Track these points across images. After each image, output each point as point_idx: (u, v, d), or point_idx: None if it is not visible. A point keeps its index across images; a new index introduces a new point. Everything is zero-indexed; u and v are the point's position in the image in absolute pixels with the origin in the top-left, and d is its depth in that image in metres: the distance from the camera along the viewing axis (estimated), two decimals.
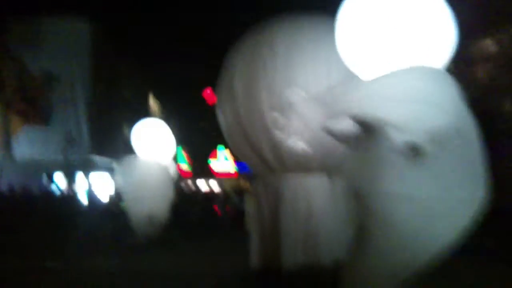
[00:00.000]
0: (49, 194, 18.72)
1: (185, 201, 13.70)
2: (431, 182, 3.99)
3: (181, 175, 30.73)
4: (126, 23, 34.78)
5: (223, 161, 40.75)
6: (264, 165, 7.02)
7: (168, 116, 29.07)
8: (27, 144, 25.40)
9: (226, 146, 9.68)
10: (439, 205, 4.01)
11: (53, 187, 20.36)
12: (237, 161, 35.57)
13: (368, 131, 4.24)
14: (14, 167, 22.95)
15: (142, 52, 40.96)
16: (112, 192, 15.93)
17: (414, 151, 3.92)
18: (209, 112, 8.17)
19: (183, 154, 43.93)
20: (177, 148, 19.85)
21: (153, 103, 45.67)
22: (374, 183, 4.23)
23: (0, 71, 24.44)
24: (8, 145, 24.10)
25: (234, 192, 17.70)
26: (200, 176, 40.18)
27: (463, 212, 4.09)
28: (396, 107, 3.91)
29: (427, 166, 3.97)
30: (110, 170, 29.83)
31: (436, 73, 4.08)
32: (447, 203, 4.01)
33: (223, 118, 7.47)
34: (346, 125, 4.34)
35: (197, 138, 51.74)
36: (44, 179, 23.69)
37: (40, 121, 25.83)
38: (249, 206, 13.58)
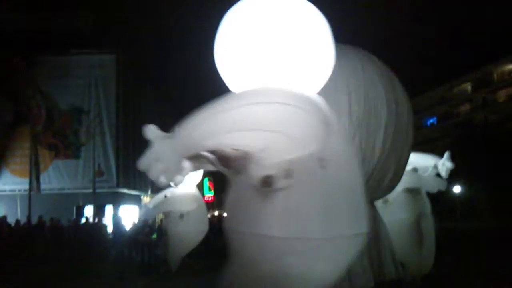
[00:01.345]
0: (79, 226, 19.01)
1: (211, 231, 13.84)
2: (288, 219, 3.64)
3: (207, 205, 30.84)
4: (152, 55, 35.57)
5: None
6: None
7: None
8: (56, 177, 25.93)
9: None
10: (302, 244, 3.66)
11: (83, 219, 20.65)
12: None
13: (225, 165, 3.99)
14: (45, 200, 23.39)
15: (169, 83, 41.71)
16: (140, 224, 16.12)
17: (268, 185, 3.61)
18: None
19: (209, 185, 44.23)
20: (203, 179, 19.95)
21: None
22: (233, 221, 4.02)
23: (30, 106, 25.16)
24: (38, 179, 24.62)
25: None
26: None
27: (336, 251, 3.79)
28: (249, 138, 3.61)
29: (282, 202, 3.63)
30: (139, 203, 30.29)
31: (298, 99, 3.72)
32: (312, 242, 3.66)
33: None
34: (207, 159, 4.06)
35: None
36: (74, 212, 24.07)
37: (69, 154, 26.39)
38: None
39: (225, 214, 4.39)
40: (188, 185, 12.96)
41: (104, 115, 26.42)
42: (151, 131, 3.55)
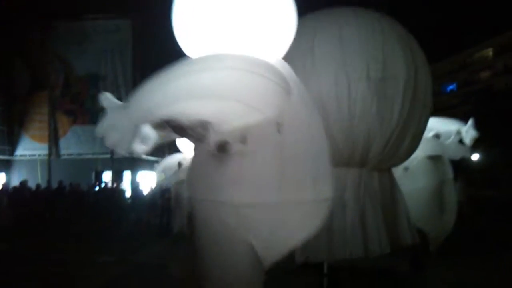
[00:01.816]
0: (98, 191, 19.32)
1: None
2: (244, 185, 3.61)
3: None
4: (169, 18, 35.21)
5: None
6: None
7: None
8: (75, 143, 26.22)
9: None
10: (260, 209, 3.62)
11: (101, 184, 20.96)
12: None
13: (183, 134, 3.87)
14: (64, 165, 23.73)
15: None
16: (158, 189, 16.29)
17: (223, 151, 3.58)
18: None
19: None
20: None
21: None
22: (193, 189, 4.00)
23: (48, 72, 25.29)
24: (57, 144, 24.92)
25: None
26: None
27: (297, 216, 3.71)
28: (203, 106, 3.50)
29: (237, 168, 3.60)
30: (156, 168, 30.58)
31: (254, 65, 3.57)
32: (270, 207, 3.62)
33: None
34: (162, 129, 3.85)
35: None
36: (93, 177, 24.41)
37: (87, 120, 26.60)
38: None
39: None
40: None
41: (121, 80, 26.45)
42: (106, 99, 3.54)
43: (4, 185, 19.28)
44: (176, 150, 12.52)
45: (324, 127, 4.06)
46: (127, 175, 25.24)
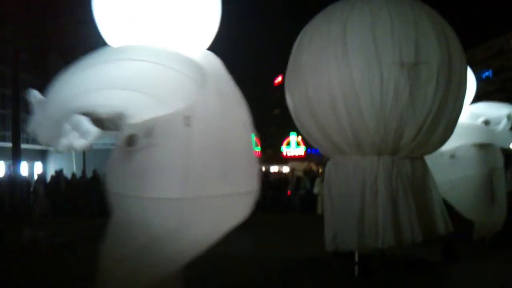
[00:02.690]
0: None
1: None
2: (147, 179, 3.51)
3: None
4: None
5: (294, 147, 40.91)
6: (332, 147, 7.00)
7: None
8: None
9: (298, 133, 9.62)
10: (164, 204, 3.53)
11: None
12: (308, 146, 35.62)
13: (101, 127, 3.72)
14: (98, 155, 24.11)
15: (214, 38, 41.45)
16: None
17: (130, 145, 3.54)
18: (282, 100, 7.96)
19: (256, 140, 44.43)
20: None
21: None
22: (107, 183, 3.92)
23: None
24: None
25: (305, 176, 17.68)
26: (272, 162, 40.62)
27: (204, 212, 3.62)
28: (110, 97, 3.44)
29: (142, 161, 3.52)
30: None
31: (164, 57, 3.54)
32: (172, 202, 3.53)
33: (291, 97, 7.32)
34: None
35: (270, 125, 52.40)
36: None
37: None
38: (320, 189, 13.62)
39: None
40: None
41: None
42: (32, 96, 3.47)
43: (40, 174, 19.77)
44: None
45: (248, 121, 3.99)
46: None
